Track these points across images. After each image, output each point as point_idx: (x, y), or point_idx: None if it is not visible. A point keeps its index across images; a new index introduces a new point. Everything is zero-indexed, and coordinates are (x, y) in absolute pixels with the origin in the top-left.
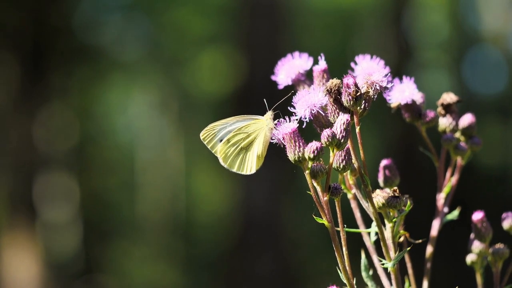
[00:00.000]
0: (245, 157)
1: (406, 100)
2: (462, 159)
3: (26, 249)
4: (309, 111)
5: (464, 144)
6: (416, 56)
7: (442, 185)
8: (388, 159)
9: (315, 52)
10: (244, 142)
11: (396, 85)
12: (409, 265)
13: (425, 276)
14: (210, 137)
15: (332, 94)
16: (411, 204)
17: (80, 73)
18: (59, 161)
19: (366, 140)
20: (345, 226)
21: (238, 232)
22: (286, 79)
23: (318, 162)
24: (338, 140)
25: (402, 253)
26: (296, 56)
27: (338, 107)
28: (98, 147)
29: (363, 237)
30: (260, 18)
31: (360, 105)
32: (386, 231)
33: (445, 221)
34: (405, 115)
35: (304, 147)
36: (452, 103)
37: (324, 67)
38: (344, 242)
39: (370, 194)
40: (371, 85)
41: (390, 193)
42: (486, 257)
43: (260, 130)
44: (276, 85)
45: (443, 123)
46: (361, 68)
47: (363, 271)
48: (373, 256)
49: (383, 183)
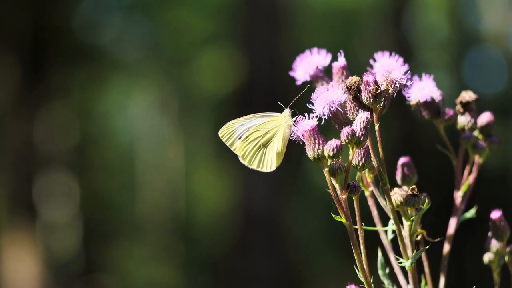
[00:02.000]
0: (264, 154)
1: (426, 98)
2: (480, 157)
3: (26, 249)
4: (328, 108)
5: (483, 142)
6: (416, 56)
7: (459, 183)
8: (406, 157)
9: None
10: (263, 139)
11: (415, 82)
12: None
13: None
14: (229, 135)
15: (352, 91)
16: (429, 202)
17: (80, 73)
18: (59, 161)
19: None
20: (362, 224)
21: (238, 232)
22: (304, 75)
23: (337, 160)
24: (358, 138)
25: (421, 251)
26: (314, 52)
27: (357, 104)
28: (98, 147)
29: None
30: (260, 18)
31: (380, 102)
32: (404, 229)
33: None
34: (424, 112)
35: (324, 144)
36: (471, 101)
37: (343, 63)
38: (362, 241)
39: (388, 192)
40: (390, 83)
41: (409, 191)
42: (503, 256)
43: (279, 127)
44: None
45: (462, 121)
46: (381, 65)
47: (379, 269)
48: (390, 254)
49: (401, 181)
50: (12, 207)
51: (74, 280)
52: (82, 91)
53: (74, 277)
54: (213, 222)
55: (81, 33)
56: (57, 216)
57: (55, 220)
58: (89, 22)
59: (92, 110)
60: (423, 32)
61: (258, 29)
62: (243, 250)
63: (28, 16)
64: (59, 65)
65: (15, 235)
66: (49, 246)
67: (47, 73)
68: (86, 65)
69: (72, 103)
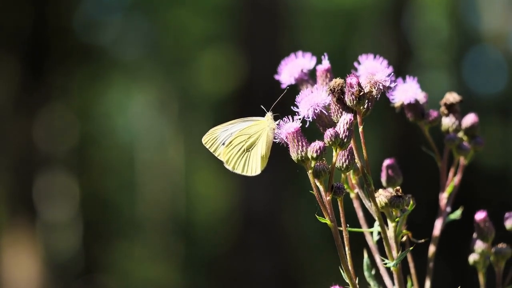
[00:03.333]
0: (249, 158)
1: (409, 100)
2: (464, 158)
3: (26, 249)
4: (312, 110)
5: (467, 144)
6: (416, 56)
7: (444, 184)
8: (391, 159)
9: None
10: (247, 143)
11: (399, 84)
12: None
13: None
14: (212, 141)
15: (335, 93)
16: (413, 203)
17: (80, 73)
18: (59, 161)
19: (369, 140)
20: (347, 226)
21: (238, 232)
22: (289, 78)
23: (321, 161)
24: (341, 140)
25: (405, 252)
26: (299, 55)
27: (341, 106)
28: (98, 147)
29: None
30: (260, 18)
31: (363, 104)
32: (389, 230)
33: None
34: (408, 114)
35: (307, 146)
36: (455, 103)
37: (327, 66)
38: (347, 242)
39: (372, 193)
40: (374, 85)
41: (393, 192)
42: (489, 256)
43: (262, 131)
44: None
45: (446, 123)
46: (364, 67)
47: (365, 270)
48: (375, 255)
49: (385, 182)
50: (12, 207)
51: (74, 280)
52: (82, 91)
53: (74, 277)
54: (213, 222)
55: (81, 33)
56: (57, 216)
57: (55, 220)
58: (89, 22)
59: (92, 110)
60: (423, 32)
61: (258, 29)
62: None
63: (28, 16)
64: (59, 65)
65: (15, 235)
66: (49, 246)
67: (47, 73)
68: (86, 65)
69: (72, 103)
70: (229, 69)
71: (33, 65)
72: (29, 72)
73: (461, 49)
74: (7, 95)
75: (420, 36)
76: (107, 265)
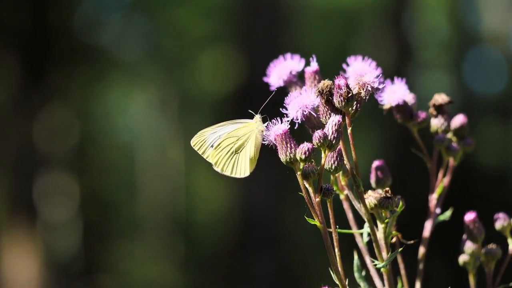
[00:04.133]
0: (237, 160)
1: (398, 101)
2: (454, 159)
3: (26, 249)
4: (301, 112)
5: (456, 144)
6: (416, 56)
7: (434, 186)
8: (380, 160)
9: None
10: (235, 145)
11: (388, 86)
12: (402, 266)
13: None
14: (201, 143)
15: (324, 95)
16: (403, 204)
17: (80, 73)
18: (59, 161)
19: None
20: (337, 227)
21: (238, 232)
22: (278, 81)
23: (310, 163)
24: (330, 141)
25: (394, 253)
26: (288, 57)
27: (330, 108)
28: (98, 147)
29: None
30: (260, 18)
31: (351, 106)
32: (379, 231)
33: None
34: (397, 116)
35: (296, 148)
36: (443, 104)
37: (315, 68)
38: (336, 243)
39: (362, 195)
40: (362, 86)
41: (382, 194)
42: (479, 257)
43: (250, 133)
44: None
45: (435, 124)
46: (353, 69)
47: (355, 271)
48: (365, 257)
49: (375, 184)
50: (12, 207)
51: (74, 280)
52: (82, 91)
53: (74, 277)
54: (213, 222)
55: (81, 33)
56: (57, 216)
57: (55, 220)
58: (89, 22)
59: (92, 110)
60: (423, 32)
61: (258, 29)
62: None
63: (28, 16)
64: (59, 65)
65: (15, 235)
66: (49, 246)
67: (47, 73)
68: (86, 65)
69: (72, 103)
70: (229, 69)
71: (33, 65)
72: (29, 72)
73: (461, 49)
74: (7, 95)
75: (420, 36)
76: (107, 265)
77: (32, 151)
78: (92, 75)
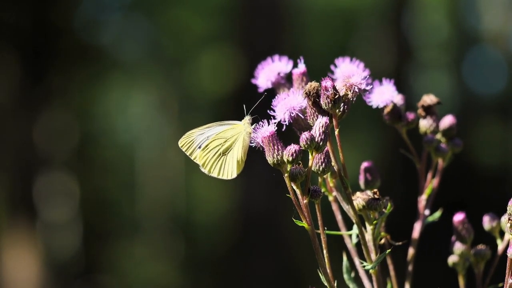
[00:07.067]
0: (224, 162)
1: (386, 103)
2: (443, 160)
3: (26, 249)
4: (288, 114)
5: (445, 145)
6: (416, 56)
7: (423, 187)
8: (368, 162)
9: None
10: (223, 147)
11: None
12: (391, 267)
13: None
14: (188, 144)
15: (311, 97)
16: (391, 206)
17: (80, 73)
18: (59, 161)
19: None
20: (325, 229)
21: (238, 232)
22: (266, 82)
23: (297, 165)
24: (317, 143)
25: (383, 255)
26: (276, 59)
27: (317, 110)
28: (98, 147)
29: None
30: (260, 18)
31: (338, 107)
32: (367, 233)
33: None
34: (386, 117)
35: (283, 150)
36: (432, 105)
37: (303, 70)
38: (325, 245)
39: (350, 196)
40: (349, 88)
41: (371, 195)
42: (468, 258)
43: (238, 135)
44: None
45: (424, 125)
46: (340, 70)
47: (344, 273)
48: (355, 258)
49: (363, 185)
50: (12, 207)
51: (74, 280)
52: (82, 91)
53: (74, 277)
54: (213, 222)
55: (81, 33)
56: (57, 216)
57: (55, 220)
58: (89, 22)
59: (92, 110)
60: (423, 32)
61: (258, 29)
62: (243, 250)
63: (28, 16)
64: (59, 65)
65: (15, 235)
66: (49, 246)
67: (47, 73)
68: (86, 65)
69: (72, 103)
70: (229, 69)
71: (33, 65)
72: (29, 72)
73: (461, 49)
74: (7, 95)
75: (420, 36)
76: (107, 265)
77: (32, 151)
78: (92, 75)
